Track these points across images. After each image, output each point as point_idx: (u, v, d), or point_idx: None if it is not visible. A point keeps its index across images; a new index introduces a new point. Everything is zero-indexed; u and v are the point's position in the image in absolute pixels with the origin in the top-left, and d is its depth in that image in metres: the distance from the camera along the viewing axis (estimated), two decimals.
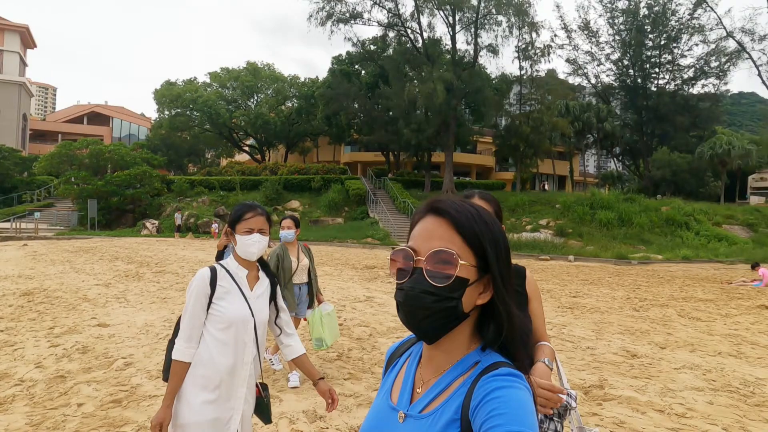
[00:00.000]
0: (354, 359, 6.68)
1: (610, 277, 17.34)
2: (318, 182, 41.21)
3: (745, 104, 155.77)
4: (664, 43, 49.65)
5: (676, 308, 11.18)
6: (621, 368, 6.49)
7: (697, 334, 8.60)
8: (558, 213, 33.85)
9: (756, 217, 35.05)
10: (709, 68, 48.96)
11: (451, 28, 38.95)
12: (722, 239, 30.79)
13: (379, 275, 15.74)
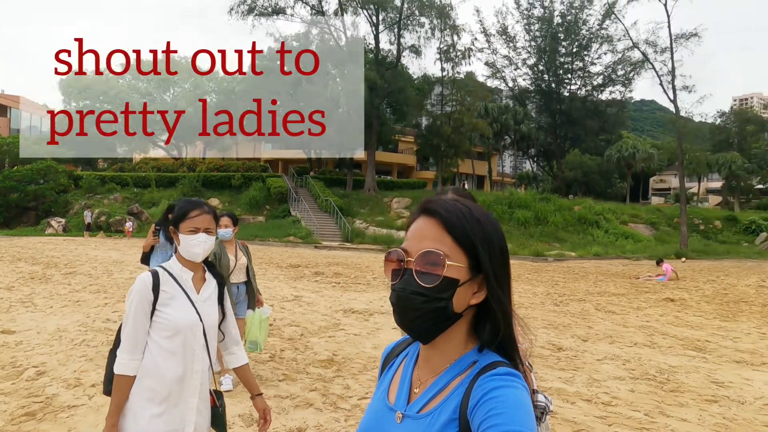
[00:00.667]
0: (287, 360, 6.53)
1: (530, 274, 17.99)
2: (239, 180, 40.25)
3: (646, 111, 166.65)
4: (576, 51, 52.19)
5: (592, 302, 11.75)
6: (549, 361, 6.73)
7: (614, 327, 9.07)
8: None
9: (657, 216, 37.52)
10: (616, 76, 52.00)
11: (374, 27, 39.14)
12: (628, 237, 32.73)
13: (304, 274, 15.55)
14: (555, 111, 54.47)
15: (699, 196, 57.44)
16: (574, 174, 50.85)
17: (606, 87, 53.54)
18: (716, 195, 61.89)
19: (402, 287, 1.07)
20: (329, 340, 7.59)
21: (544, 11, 51.62)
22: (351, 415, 4.88)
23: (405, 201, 36.87)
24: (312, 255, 23.04)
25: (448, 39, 39.58)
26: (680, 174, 31.56)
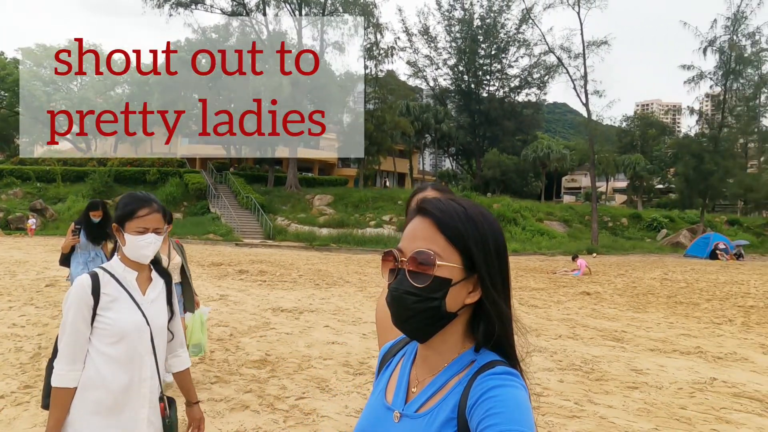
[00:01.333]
0: (218, 361, 6.31)
1: None
2: (154, 175, 38.59)
3: (558, 113, 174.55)
4: (494, 53, 53.86)
5: (516, 297, 12.07)
6: None
7: (539, 320, 9.42)
8: (400, 209, 35.02)
9: (570, 214, 39.36)
10: (532, 79, 54.13)
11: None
12: (544, 234, 34.13)
13: (228, 272, 15.12)
14: (474, 111, 56.00)
15: (607, 194, 60.79)
16: (492, 172, 52.50)
17: (522, 89, 55.65)
18: (621, 194, 65.80)
19: (395, 287, 1.07)
20: (260, 339, 7.41)
21: (464, 13, 52.91)
22: (290, 416, 4.77)
23: (327, 198, 36.71)
24: (234, 253, 22.46)
25: (372, 37, 39.74)
26: (591, 174, 33.25)
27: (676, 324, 9.55)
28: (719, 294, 13.93)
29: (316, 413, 4.88)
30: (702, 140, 35.90)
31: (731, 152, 36.57)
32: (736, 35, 33.63)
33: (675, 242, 33.82)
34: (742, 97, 36.77)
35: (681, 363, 6.86)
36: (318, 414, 4.87)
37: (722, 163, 32.99)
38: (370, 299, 11.24)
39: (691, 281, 16.93)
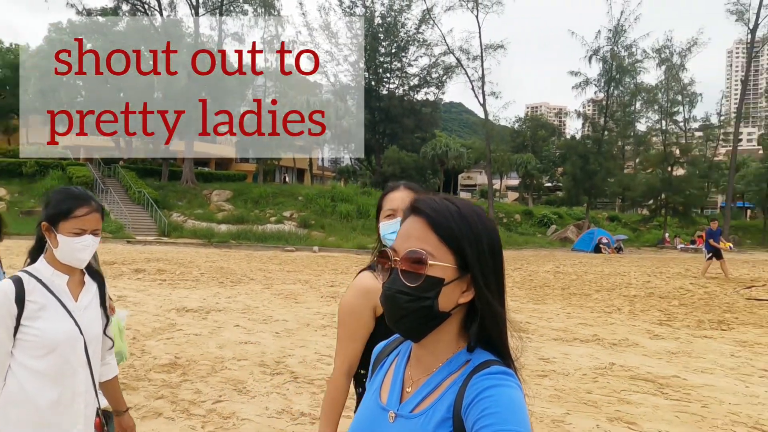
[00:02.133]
0: (124, 367, 5.89)
1: (357, 266, 18.29)
2: (32, 167, 35.47)
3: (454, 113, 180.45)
4: (394, 52, 54.53)
5: None
6: None
7: None
8: (301, 205, 34.73)
9: None
10: (431, 78, 55.38)
11: (194, 9, 37.03)
12: None
13: (123, 272, 14.23)
14: (374, 108, 56.42)
15: (501, 192, 63.64)
16: (392, 169, 53.16)
17: (422, 88, 56.78)
18: (514, 191, 69.19)
19: (389, 286, 1.07)
20: (168, 342, 7.02)
21: (365, 11, 53.14)
22: (208, 421, 4.56)
23: (226, 193, 35.61)
24: (126, 251, 21.18)
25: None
26: (488, 172, 34.65)
27: (573, 314, 10.16)
28: (606, 285, 15.00)
29: (235, 416, 4.70)
30: (587, 142, 38.50)
31: (612, 154, 39.53)
32: (616, 46, 36.38)
33: (563, 237, 36.06)
34: (621, 103, 39.86)
35: (582, 350, 7.29)
36: (238, 417, 4.69)
37: (605, 164, 35.60)
38: (279, 297, 11.01)
39: (581, 273, 18.10)
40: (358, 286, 1.94)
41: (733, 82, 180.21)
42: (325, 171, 66.04)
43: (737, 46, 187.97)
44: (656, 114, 42.68)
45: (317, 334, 7.76)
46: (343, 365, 1.89)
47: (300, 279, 14.15)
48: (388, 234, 1.95)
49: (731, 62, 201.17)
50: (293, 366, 6.17)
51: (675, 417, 4.88)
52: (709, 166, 43.70)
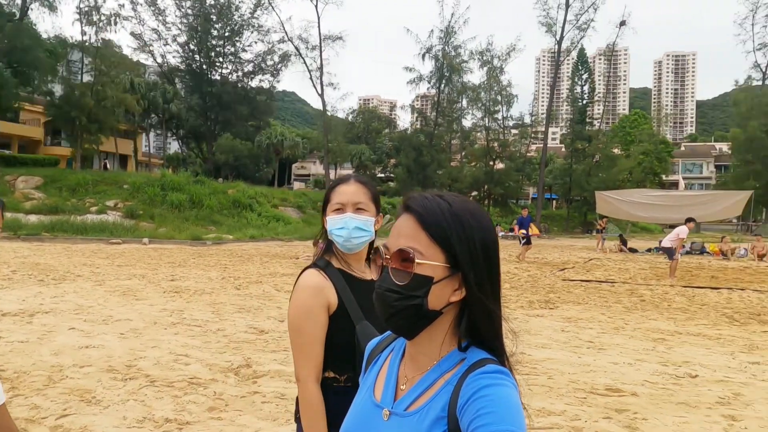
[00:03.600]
0: None
1: (195, 259, 17.53)
2: None
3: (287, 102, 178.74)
4: (228, 36, 52.49)
5: (270, 284, 12.14)
6: (257, 345, 6.72)
7: None
8: (127, 194, 32.10)
9: (304, 200, 40.75)
10: (266, 65, 54.23)
11: None
12: (280, 219, 34.74)
13: None
14: (206, 93, 53.93)
15: None
16: (225, 157, 51.37)
17: (256, 75, 55.43)
18: None
19: (379, 284, 1.08)
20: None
21: None
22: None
23: (35, 180, 31.70)
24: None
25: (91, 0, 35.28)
26: (326, 162, 34.92)
27: None
28: None
29: (88, 430, 4.22)
30: (420, 135, 40.51)
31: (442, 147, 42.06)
32: (447, 46, 38.66)
33: None
34: (449, 100, 42.55)
35: None
36: (90, 431, 4.21)
37: (436, 156, 37.74)
38: (115, 294, 10.08)
39: None
40: (309, 286, 1.83)
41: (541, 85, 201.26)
42: (152, 158, 61.69)
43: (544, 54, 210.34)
44: (480, 112, 46.32)
45: (168, 332, 7.24)
46: (311, 373, 1.77)
47: (135, 274, 13.08)
48: (336, 229, 1.86)
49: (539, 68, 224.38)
50: (147, 369, 5.69)
51: (528, 390, 5.34)
52: (524, 161, 48.44)
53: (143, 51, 52.26)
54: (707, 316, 9.54)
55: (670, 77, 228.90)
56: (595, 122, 55.69)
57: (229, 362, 5.95)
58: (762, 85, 51.94)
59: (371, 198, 1.92)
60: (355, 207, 1.87)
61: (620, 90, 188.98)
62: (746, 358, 6.74)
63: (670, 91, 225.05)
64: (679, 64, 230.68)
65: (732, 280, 14.85)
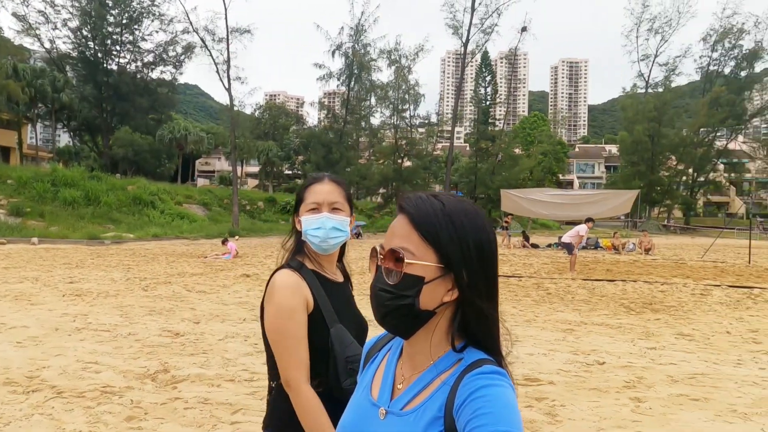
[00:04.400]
0: None
1: (93, 259, 16.50)
2: None
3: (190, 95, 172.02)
4: (126, 23, 49.69)
5: (180, 284, 11.63)
6: (174, 348, 6.41)
7: (215, 306, 9.25)
8: (12, 190, 29.62)
9: (210, 197, 39.43)
10: (168, 56, 51.84)
11: None
12: (184, 217, 33.41)
13: None
14: (101, 83, 50.75)
15: (241, 179, 62.90)
16: (123, 152, 48.62)
17: (157, 66, 52.86)
18: (254, 178, 69.01)
19: (373, 284, 1.09)
20: None
21: None
22: None
23: None
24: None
25: None
26: (233, 159, 33.93)
27: None
28: (357, 269, 15.97)
29: None
30: (329, 133, 40.36)
31: (351, 145, 42.14)
32: (357, 44, 38.75)
33: None
34: (358, 97, 42.70)
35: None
36: None
37: (345, 154, 37.73)
38: (5, 299, 9.26)
39: None
40: (288, 285, 1.75)
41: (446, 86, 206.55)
42: (39, 151, 57.24)
43: (449, 55, 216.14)
44: (388, 110, 46.85)
45: (73, 339, 6.74)
46: (301, 375, 1.68)
47: (27, 276, 12.09)
48: (312, 230, 1.81)
49: (444, 69, 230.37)
50: (53, 379, 5.26)
51: None
52: (431, 159, 49.56)
53: (28, 34, 48.30)
54: (607, 306, 10.21)
55: (565, 82, 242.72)
56: (497, 123, 58.00)
57: (144, 368, 5.64)
58: (645, 92, 56.23)
59: (346, 198, 1.89)
60: (331, 207, 1.83)
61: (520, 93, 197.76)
62: (645, 344, 7.27)
63: (565, 95, 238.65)
64: (573, 70, 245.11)
65: (625, 273, 15.97)
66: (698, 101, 55.13)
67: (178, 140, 49.26)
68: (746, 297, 11.76)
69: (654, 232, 38.28)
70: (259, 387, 5.17)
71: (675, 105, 56.25)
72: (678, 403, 5.05)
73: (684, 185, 57.74)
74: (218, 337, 7.00)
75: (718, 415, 4.79)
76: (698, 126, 53.93)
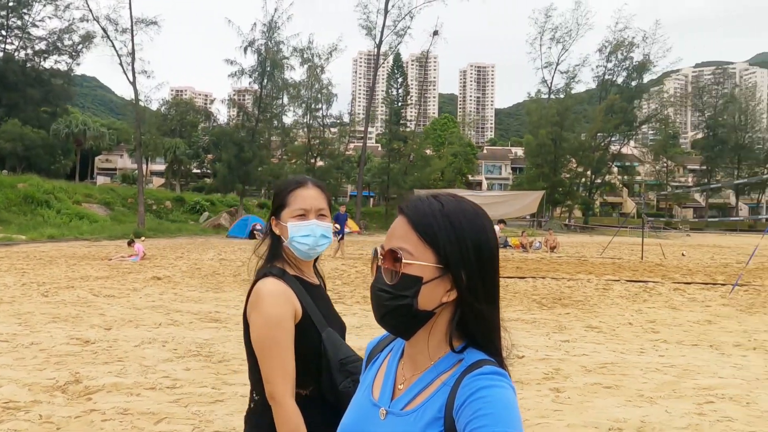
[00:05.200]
0: None
1: None
2: None
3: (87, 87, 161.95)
4: (13, 6, 46.07)
5: (85, 289, 10.95)
6: (85, 357, 6.02)
7: (125, 310, 8.78)
8: None
9: (112, 196, 37.43)
10: (63, 45, 48.57)
11: None
12: (84, 217, 31.53)
13: None
14: None
15: (146, 177, 60.10)
16: (12, 146, 45.04)
17: (50, 55, 49.39)
18: (159, 177, 66.08)
19: (373, 284, 1.10)
20: None
21: None
22: None
23: None
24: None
25: None
26: (138, 157, 32.37)
27: None
28: None
29: None
30: (241, 131, 39.36)
31: (264, 144, 41.33)
32: (270, 41, 38.02)
33: (217, 224, 36.17)
34: (270, 95, 41.96)
35: None
36: None
37: (258, 153, 36.94)
38: None
39: (245, 260, 18.46)
40: (276, 294, 1.69)
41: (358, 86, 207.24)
42: None
43: (360, 56, 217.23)
44: (301, 109, 46.39)
45: None
46: (287, 389, 1.62)
47: None
48: (300, 237, 1.76)
49: (356, 69, 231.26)
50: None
51: None
52: (343, 159, 49.59)
53: None
54: (521, 302, 10.65)
55: (473, 86, 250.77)
56: (409, 124, 58.95)
57: (52, 379, 5.25)
58: (549, 98, 59.18)
59: (328, 203, 1.87)
60: (318, 213, 1.81)
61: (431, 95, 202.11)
62: (559, 337, 7.66)
63: (473, 98, 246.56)
64: (481, 74, 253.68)
65: (534, 270, 16.73)
66: (595, 108, 58.69)
67: (75, 135, 46.27)
68: (642, 290, 12.67)
69: (557, 231, 40.42)
70: (183, 394, 4.97)
71: (575, 111, 59.61)
72: (593, 391, 5.35)
73: (583, 186, 61.29)
74: (134, 344, 6.64)
75: (628, 400, 5.12)
76: (595, 131, 57.41)
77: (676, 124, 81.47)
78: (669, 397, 5.24)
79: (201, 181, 59.85)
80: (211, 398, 4.90)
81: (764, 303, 11.17)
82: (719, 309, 10.37)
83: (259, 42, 37.61)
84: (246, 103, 43.93)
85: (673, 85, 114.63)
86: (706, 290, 12.99)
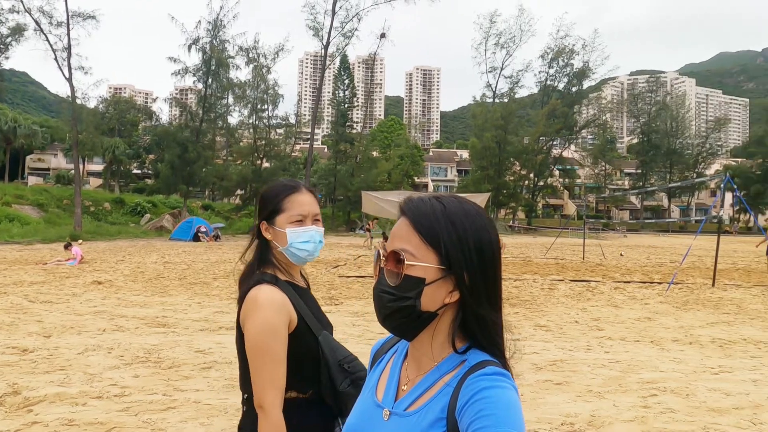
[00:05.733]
0: None
1: None
2: None
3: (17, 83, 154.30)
4: None
5: (21, 295, 10.42)
6: (23, 367, 5.72)
7: (65, 317, 8.41)
8: None
9: (46, 197, 35.82)
10: None
11: None
12: (14, 219, 30.02)
13: None
14: None
15: (83, 178, 57.76)
16: None
17: None
18: (97, 178, 63.63)
19: (376, 285, 1.10)
20: None
21: None
22: None
23: None
24: None
25: None
26: (75, 156, 31.04)
27: (204, 303, 10.13)
28: (219, 272, 15.38)
29: None
30: (185, 131, 38.34)
31: (208, 144, 40.40)
32: (215, 40, 37.23)
33: (159, 226, 35.14)
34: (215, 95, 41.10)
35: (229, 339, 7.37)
36: None
37: (203, 153, 36.09)
38: None
39: (190, 263, 18.05)
40: (271, 302, 1.65)
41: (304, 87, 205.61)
42: None
43: (307, 57, 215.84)
44: (246, 109, 45.62)
45: None
46: (276, 400, 1.60)
47: None
48: (299, 243, 1.75)
49: (302, 70, 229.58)
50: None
51: None
52: (290, 160, 49.08)
53: None
54: None
55: (419, 89, 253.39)
56: (356, 126, 58.95)
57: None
58: (493, 102, 60.38)
59: (319, 207, 1.88)
60: (314, 218, 1.80)
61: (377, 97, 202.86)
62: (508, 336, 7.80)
63: (419, 101, 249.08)
64: (427, 78, 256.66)
65: None
66: (538, 112, 60.26)
67: (4, 133, 44.03)
68: (585, 289, 13.11)
69: (502, 233, 41.25)
70: (133, 402, 4.80)
71: (518, 115, 61.04)
72: (545, 388, 5.49)
73: (526, 189, 62.82)
74: (76, 351, 6.36)
75: (578, 395, 5.28)
76: (538, 135, 58.95)
77: (614, 129, 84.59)
78: (616, 391, 5.43)
79: (142, 182, 58.00)
80: (163, 405, 4.75)
81: (697, 300, 11.76)
82: (657, 306, 10.84)
83: (204, 40, 36.83)
84: (190, 103, 42.88)
85: (610, 91, 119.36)
86: (644, 288, 13.56)
